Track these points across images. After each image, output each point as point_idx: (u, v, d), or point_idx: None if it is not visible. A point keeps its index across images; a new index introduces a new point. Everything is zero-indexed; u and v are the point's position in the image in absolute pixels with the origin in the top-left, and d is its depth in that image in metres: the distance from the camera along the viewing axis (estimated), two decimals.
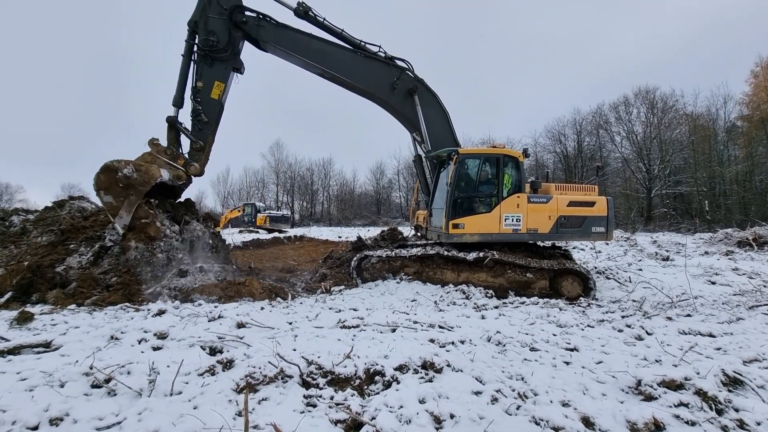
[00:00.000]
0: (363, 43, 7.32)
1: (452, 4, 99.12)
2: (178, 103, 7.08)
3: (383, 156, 78.89)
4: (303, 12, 6.92)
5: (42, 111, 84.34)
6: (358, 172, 62.15)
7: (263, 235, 23.48)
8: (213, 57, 6.89)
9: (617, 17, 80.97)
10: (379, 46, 7.30)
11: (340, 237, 22.53)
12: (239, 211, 35.99)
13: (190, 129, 7.10)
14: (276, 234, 24.45)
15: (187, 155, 7.13)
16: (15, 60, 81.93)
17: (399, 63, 7.65)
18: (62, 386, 2.87)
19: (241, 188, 60.33)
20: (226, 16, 6.88)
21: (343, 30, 7.08)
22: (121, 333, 4.09)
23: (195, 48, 6.90)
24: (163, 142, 7.14)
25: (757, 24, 45.19)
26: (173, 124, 7.01)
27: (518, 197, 7.67)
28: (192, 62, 6.99)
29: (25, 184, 67.38)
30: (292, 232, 27.65)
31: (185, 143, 7.35)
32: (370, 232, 18.74)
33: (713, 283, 8.48)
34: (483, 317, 5.43)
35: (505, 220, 7.64)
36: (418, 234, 9.50)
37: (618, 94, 47.32)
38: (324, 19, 6.98)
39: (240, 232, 28.09)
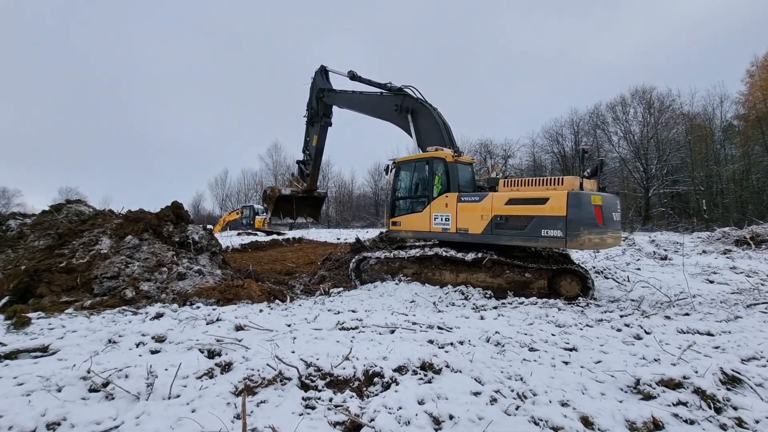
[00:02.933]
0: (381, 84, 9.83)
1: (448, 5, 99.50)
2: (304, 151, 11.82)
3: (382, 158, 78.72)
4: (351, 76, 10.45)
5: (40, 115, 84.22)
6: (356, 174, 62.29)
7: (262, 238, 23.43)
8: (312, 121, 11.30)
9: (615, 18, 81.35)
10: (390, 82, 9.60)
11: (338, 239, 22.52)
12: (237, 213, 35.94)
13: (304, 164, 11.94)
14: (274, 236, 24.40)
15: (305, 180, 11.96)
16: (15, 64, 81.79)
17: (406, 90, 9.18)
18: (59, 391, 2.86)
19: (240, 190, 60.46)
20: (316, 95, 11.19)
21: (370, 80, 10.16)
22: (119, 336, 4.07)
23: (306, 118, 11.61)
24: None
25: (752, 23, 45.44)
26: (299, 163, 12.09)
27: (447, 197, 7.70)
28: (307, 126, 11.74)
29: (22, 188, 67.47)
30: (291, 234, 27.59)
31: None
32: (369, 234, 18.74)
33: (711, 281, 8.50)
34: (482, 318, 5.43)
35: (435, 219, 7.90)
36: None
37: (615, 94, 47.51)
38: (361, 76, 10.31)
39: (238, 234, 28.02)
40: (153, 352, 3.79)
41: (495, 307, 6.14)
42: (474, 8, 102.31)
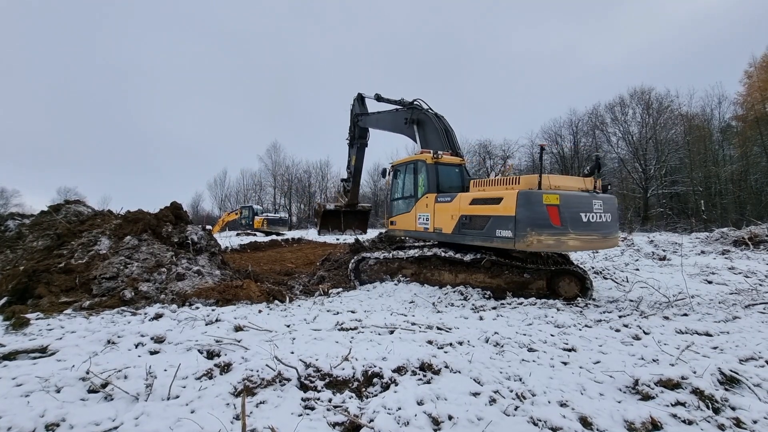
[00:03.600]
0: (396, 100, 10.63)
1: (445, 8, 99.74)
2: (347, 170, 13.04)
3: (381, 158, 78.75)
4: (377, 98, 11.23)
5: (39, 114, 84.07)
6: None
7: (261, 238, 23.41)
8: (351, 144, 12.48)
9: (613, 19, 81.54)
10: (402, 98, 10.40)
11: (337, 239, 22.45)
12: (236, 213, 35.94)
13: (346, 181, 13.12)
14: (273, 236, 24.39)
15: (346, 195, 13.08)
16: (13, 63, 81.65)
17: (416, 103, 9.72)
18: (58, 391, 2.86)
19: (239, 191, 60.38)
20: (353, 120, 12.32)
21: (389, 99, 10.92)
22: (118, 337, 4.06)
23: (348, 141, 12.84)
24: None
25: (751, 24, 45.55)
26: (343, 181, 12.86)
27: (427, 197, 7.99)
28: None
29: (21, 188, 67.14)
30: (290, 234, 27.58)
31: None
32: (368, 234, 18.73)
33: (710, 282, 8.51)
34: (481, 318, 5.43)
35: (419, 218, 8.24)
36: None
37: (614, 94, 47.58)
38: (383, 97, 11.09)
39: (237, 234, 28.03)
40: (152, 353, 3.78)
41: (494, 308, 6.14)
42: (472, 10, 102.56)
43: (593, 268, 10.06)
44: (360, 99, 11.82)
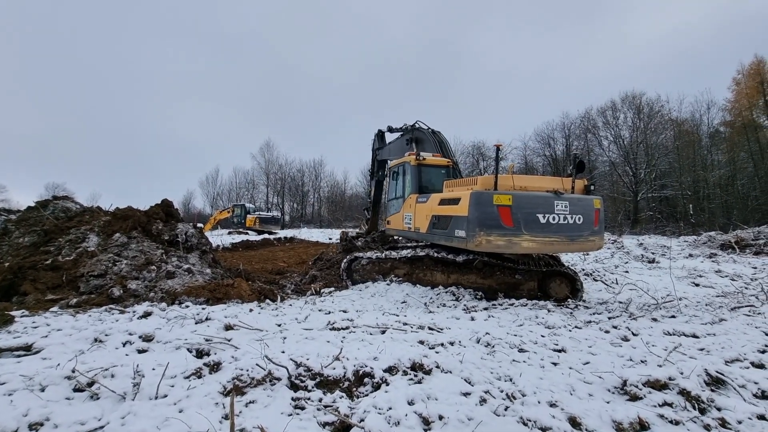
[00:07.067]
0: (400, 128, 11.02)
1: (441, 14, 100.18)
2: (368, 199, 13.20)
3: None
4: (389, 129, 11.55)
5: (27, 109, 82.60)
6: (349, 174, 62.16)
7: (253, 237, 23.29)
8: (371, 177, 12.69)
9: (609, 23, 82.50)
10: (405, 123, 10.81)
11: (330, 239, 22.42)
12: (228, 212, 35.67)
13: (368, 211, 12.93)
14: (266, 235, 24.28)
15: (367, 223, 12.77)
16: (3, 57, 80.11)
17: (416, 125, 10.17)
18: (43, 390, 2.81)
19: (231, 189, 59.95)
20: (373, 155, 12.53)
21: (396, 128, 11.27)
22: (106, 335, 4.00)
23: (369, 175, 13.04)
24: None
25: (740, 32, 46.38)
26: (365, 210, 13.31)
27: (411, 198, 8.21)
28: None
29: (7, 183, 65.82)
30: (282, 233, 27.48)
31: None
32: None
33: (697, 284, 8.65)
34: (472, 319, 5.45)
35: (405, 218, 8.44)
36: None
37: (606, 98, 48.09)
38: (393, 127, 11.44)
39: (229, 233, 27.85)
40: (140, 352, 3.73)
41: (485, 309, 6.16)
42: (472, 13, 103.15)
43: (584, 269, 10.16)
44: (380, 135, 12.46)
